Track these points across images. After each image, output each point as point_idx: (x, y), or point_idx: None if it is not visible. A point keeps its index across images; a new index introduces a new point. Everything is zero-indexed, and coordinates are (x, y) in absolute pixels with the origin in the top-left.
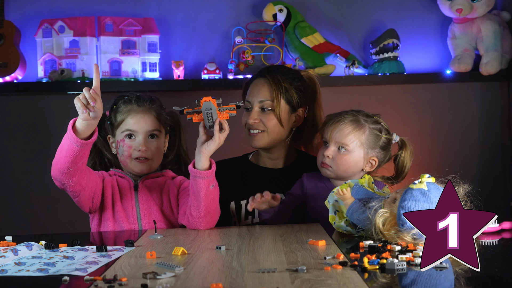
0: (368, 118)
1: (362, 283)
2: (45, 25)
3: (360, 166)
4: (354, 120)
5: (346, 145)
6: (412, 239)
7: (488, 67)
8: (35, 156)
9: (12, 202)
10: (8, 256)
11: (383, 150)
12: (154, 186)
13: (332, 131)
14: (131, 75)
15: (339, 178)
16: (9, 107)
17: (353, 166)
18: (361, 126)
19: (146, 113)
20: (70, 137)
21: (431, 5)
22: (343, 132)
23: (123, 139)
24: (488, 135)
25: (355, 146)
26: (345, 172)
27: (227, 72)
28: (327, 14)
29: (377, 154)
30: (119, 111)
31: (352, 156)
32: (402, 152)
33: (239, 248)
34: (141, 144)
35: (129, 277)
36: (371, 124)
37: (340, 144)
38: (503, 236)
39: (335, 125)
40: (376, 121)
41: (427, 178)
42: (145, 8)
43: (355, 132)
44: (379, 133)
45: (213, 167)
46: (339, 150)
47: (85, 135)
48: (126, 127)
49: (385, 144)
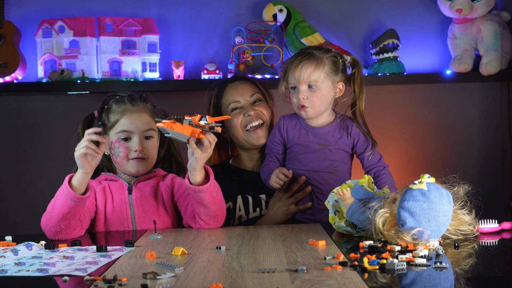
0: (321, 50)
1: (362, 283)
2: (45, 25)
3: (331, 96)
4: (312, 57)
5: (316, 82)
6: (412, 239)
7: (488, 67)
8: (35, 156)
9: (12, 202)
10: (8, 256)
11: (343, 72)
12: (147, 188)
13: (298, 74)
14: (131, 75)
15: (317, 115)
16: (9, 107)
17: (326, 98)
18: (320, 59)
19: (140, 113)
20: (66, 192)
21: (431, 5)
22: (308, 71)
23: (118, 140)
24: (488, 135)
25: (323, 79)
26: (322, 105)
27: (227, 72)
28: (327, 14)
29: (341, 78)
30: (112, 111)
31: (323, 89)
32: (355, 70)
33: (239, 248)
34: (137, 144)
35: (129, 277)
36: (326, 54)
37: (309, 83)
38: (503, 236)
39: (298, 68)
40: (327, 49)
41: (427, 178)
42: (145, 8)
43: (318, 67)
44: (336, 59)
45: (211, 178)
46: (311, 89)
47: (81, 191)
48: (121, 128)
49: (343, 66)
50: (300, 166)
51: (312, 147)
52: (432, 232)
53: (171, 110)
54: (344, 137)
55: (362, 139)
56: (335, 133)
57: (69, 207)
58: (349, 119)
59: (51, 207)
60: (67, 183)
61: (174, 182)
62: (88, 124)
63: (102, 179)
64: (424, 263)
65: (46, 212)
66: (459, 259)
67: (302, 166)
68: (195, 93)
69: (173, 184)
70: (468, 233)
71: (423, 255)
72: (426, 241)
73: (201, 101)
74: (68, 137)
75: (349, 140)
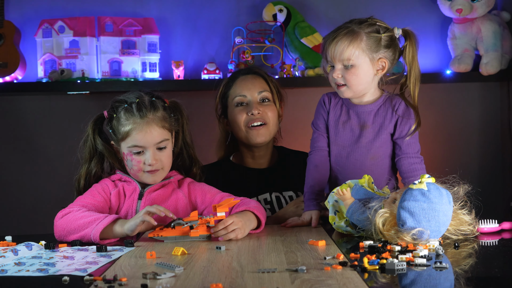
0: (362, 24)
1: (362, 283)
2: (45, 25)
3: (371, 73)
4: (348, 32)
5: (350, 60)
6: (412, 239)
7: (488, 67)
8: (35, 156)
9: (12, 202)
10: (8, 256)
11: (388, 48)
12: (159, 199)
13: (332, 51)
14: (131, 75)
15: (356, 95)
16: (9, 107)
17: (364, 76)
18: (357, 35)
19: (150, 125)
20: (95, 235)
21: (431, 5)
22: (341, 48)
23: (130, 154)
24: (488, 135)
25: (358, 57)
26: (360, 84)
27: (227, 72)
28: (327, 14)
29: (384, 55)
30: (121, 122)
31: (359, 68)
32: (407, 43)
33: (239, 248)
34: (151, 158)
35: (129, 277)
36: (366, 28)
37: (343, 61)
38: (503, 236)
39: (332, 44)
40: (370, 23)
41: (427, 178)
42: (145, 8)
43: (352, 43)
44: (377, 34)
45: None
46: (346, 67)
47: (105, 236)
48: (133, 143)
49: (388, 42)
50: (336, 150)
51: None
52: (432, 232)
53: None
54: (388, 115)
55: (407, 116)
56: (379, 111)
57: (87, 238)
58: (397, 96)
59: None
60: (99, 232)
61: (192, 191)
62: (98, 125)
63: (117, 179)
64: (424, 263)
65: (63, 220)
66: (459, 259)
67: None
68: (195, 93)
69: (191, 194)
70: (468, 233)
71: (423, 255)
72: (426, 241)
73: (201, 101)
74: (68, 137)
75: (394, 118)
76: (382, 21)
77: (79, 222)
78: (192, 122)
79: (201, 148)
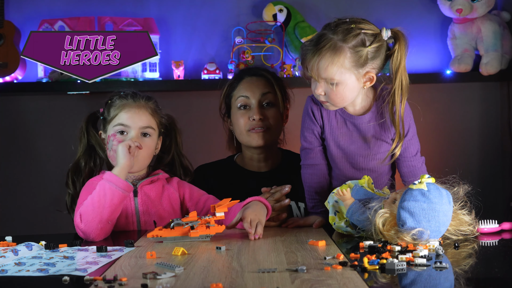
0: (346, 36)
1: (362, 283)
2: (45, 25)
3: (358, 87)
4: (330, 48)
5: (333, 79)
6: (412, 239)
7: (488, 67)
8: (35, 156)
9: (12, 202)
10: (8, 256)
11: (375, 58)
12: (153, 193)
13: (313, 67)
14: (131, 75)
15: (342, 106)
16: (9, 107)
17: (350, 92)
18: (340, 52)
19: (140, 109)
20: (116, 183)
21: (431, 5)
22: (324, 66)
23: (114, 134)
24: (488, 135)
25: (342, 74)
26: (345, 101)
27: (227, 72)
28: (327, 14)
29: (371, 67)
30: (113, 105)
31: (344, 85)
32: (396, 48)
33: (239, 248)
34: (134, 139)
35: (129, 277)
36: (350, 42)
37: (326, 79)
38: (503, 237)
39: (313, 60)
40: (355, 34)
41: (427, 178)
42: (145, 8)
43: (336, 62)
44: (363, 48)
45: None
46: (329, 85)
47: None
48: (118, 121)
49: (375, 51)
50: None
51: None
52: (432, 232)
53: (171, 110)
54: (386, 120)
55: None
56: (376, 118)
57: (120, 197)
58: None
59: (95, 205)
60: (114, 175)
61: (181, 187)
62: (92, 120)
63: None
64: (424, 263)
65: (86, 214)
66: (459, 259)
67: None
68: (195, 93)
69: (180, 189)
70: (468, 233)
71: (423, 255)
72: (426, 241)
73: (201, 101)
74: (68, 137)
75: (390, 123)
76: (366, 22)
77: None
78: (192, 122)
79: (201, 148)
